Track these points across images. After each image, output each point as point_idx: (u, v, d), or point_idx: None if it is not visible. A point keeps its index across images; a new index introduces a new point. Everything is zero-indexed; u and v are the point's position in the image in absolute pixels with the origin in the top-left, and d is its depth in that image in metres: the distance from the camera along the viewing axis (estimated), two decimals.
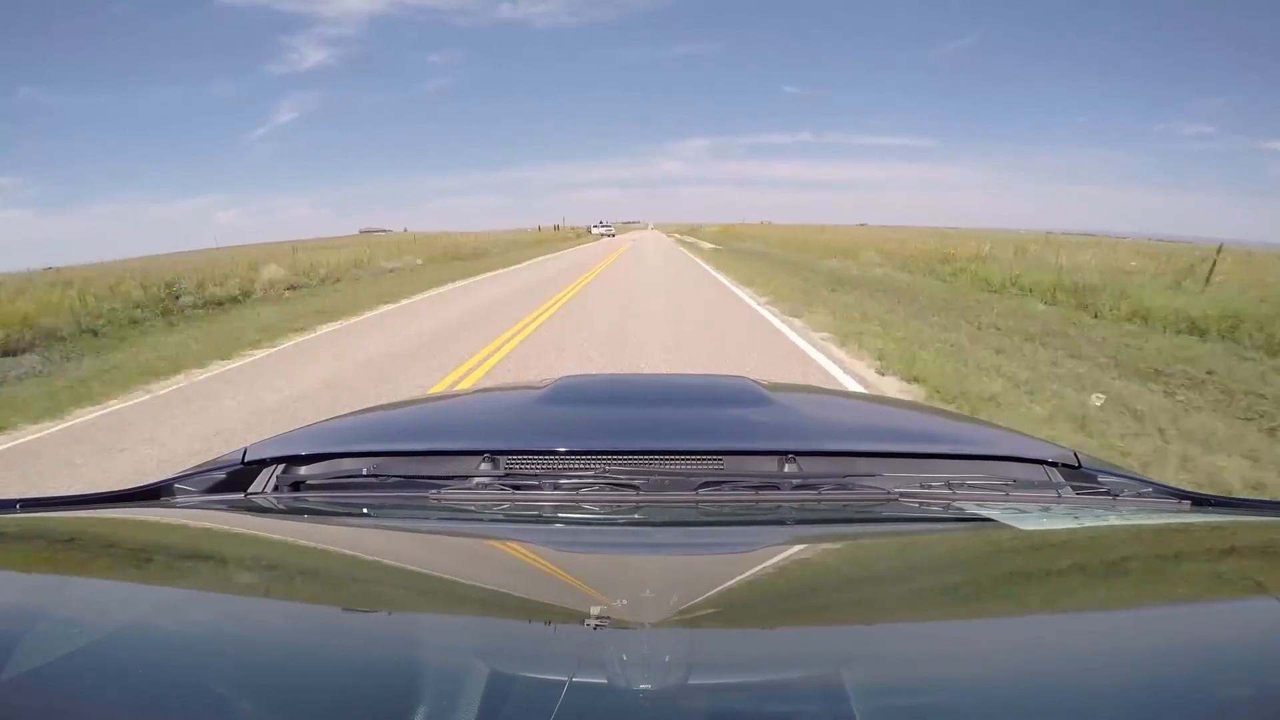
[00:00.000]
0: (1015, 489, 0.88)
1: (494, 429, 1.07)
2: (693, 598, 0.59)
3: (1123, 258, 12.60)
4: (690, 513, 0.84)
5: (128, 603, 0.61)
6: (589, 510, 0.84)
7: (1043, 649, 0.53)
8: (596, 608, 0.53)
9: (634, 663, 0.45)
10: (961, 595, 0.67)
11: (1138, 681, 0.47)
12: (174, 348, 7.67)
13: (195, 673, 0.48)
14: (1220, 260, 9.84)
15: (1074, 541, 0.76)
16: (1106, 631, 0.56)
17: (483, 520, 0.84)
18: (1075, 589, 0.68)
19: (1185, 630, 0.57)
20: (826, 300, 10.04)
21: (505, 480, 0.88)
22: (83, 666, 0.48)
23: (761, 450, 0.95)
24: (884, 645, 0.54)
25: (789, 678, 0.48)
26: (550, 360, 6.15)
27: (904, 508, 0.84)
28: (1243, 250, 14.79)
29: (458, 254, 25.62)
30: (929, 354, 6.04)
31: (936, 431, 1.19)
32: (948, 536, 0.82)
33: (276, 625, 0.58)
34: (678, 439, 0.97)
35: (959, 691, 0.46)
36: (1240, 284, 8.97)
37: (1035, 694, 0.46)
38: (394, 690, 0.44)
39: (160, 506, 0.90)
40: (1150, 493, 0.92)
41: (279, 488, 0.93)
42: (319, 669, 0.50)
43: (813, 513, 0.86)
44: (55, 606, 0.59)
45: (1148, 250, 15.09)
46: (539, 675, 0.47)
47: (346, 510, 0.87)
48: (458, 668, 0.48)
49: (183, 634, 0.55)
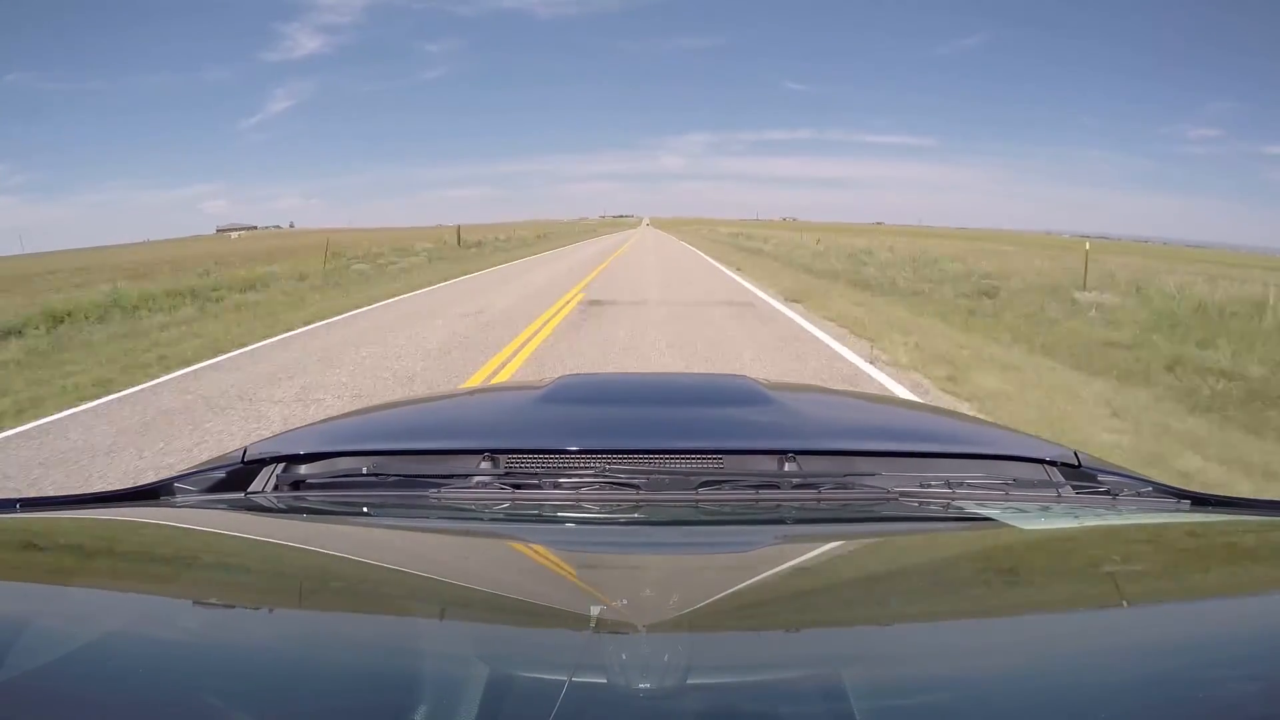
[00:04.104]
0: (1015, 488, 0.88)
1: (494, 428, 1.07)
2: (693, 597, 0.59)
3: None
4: (690, 512, 0.84)
5: (128, 602, 0.61)
6: (589, 509, 0.84)
7: (1043, 648, 0.53)
8: (596, 607, 0.53)
9: (634, 662, 0.45)
10: (961, 594, 0.67)
11: (1138, 680, 0.47)
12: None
13: (195, 673, 0.48)
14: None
15: (1074, 541, 0.76)
16: (1106, 630, 0.56)
17: (483, 519, 0.84)
18: (1075, 588, 0.68)
19: (1185, 629, 0.57)
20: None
21: (505, 479, 0.88)
22: (82, 666, 0.48)
23: (761, 449, 0.95)
24: (884, 645, 0.54)
25: (789, 677, 0.48)
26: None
27: (904, 507, 0.84)
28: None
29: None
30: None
31: (936, 431, 1.19)
32: (948, 536, 0.82)
33: (276, 624, 0.58)
34: (678, 438, 0.97)
35: (959, 691, 0.46)
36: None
37: (1036, 693, 0.46)
38: (394, 689, 0.44)
39: (160, 506, 0.90)
40: (1150, 492, 0.92)
41: (279, 487, 0.92)
42: (319, 668, 0.50)
43: (813, 512, 0.86)
44: (55, 606, 0.59)
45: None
46: (539, 675, 0.47)
47: (346, 509, 0.87)
48: (457, 666, 0.48)
49: (183, 634, 0.55)
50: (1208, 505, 0.90)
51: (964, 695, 0.46)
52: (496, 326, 7.98)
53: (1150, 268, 12.07)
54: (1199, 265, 13.93)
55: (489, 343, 6.92)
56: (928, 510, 0.84)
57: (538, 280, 14.46)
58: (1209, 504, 0.91)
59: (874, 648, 0.53)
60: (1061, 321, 8.03)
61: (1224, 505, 0.93)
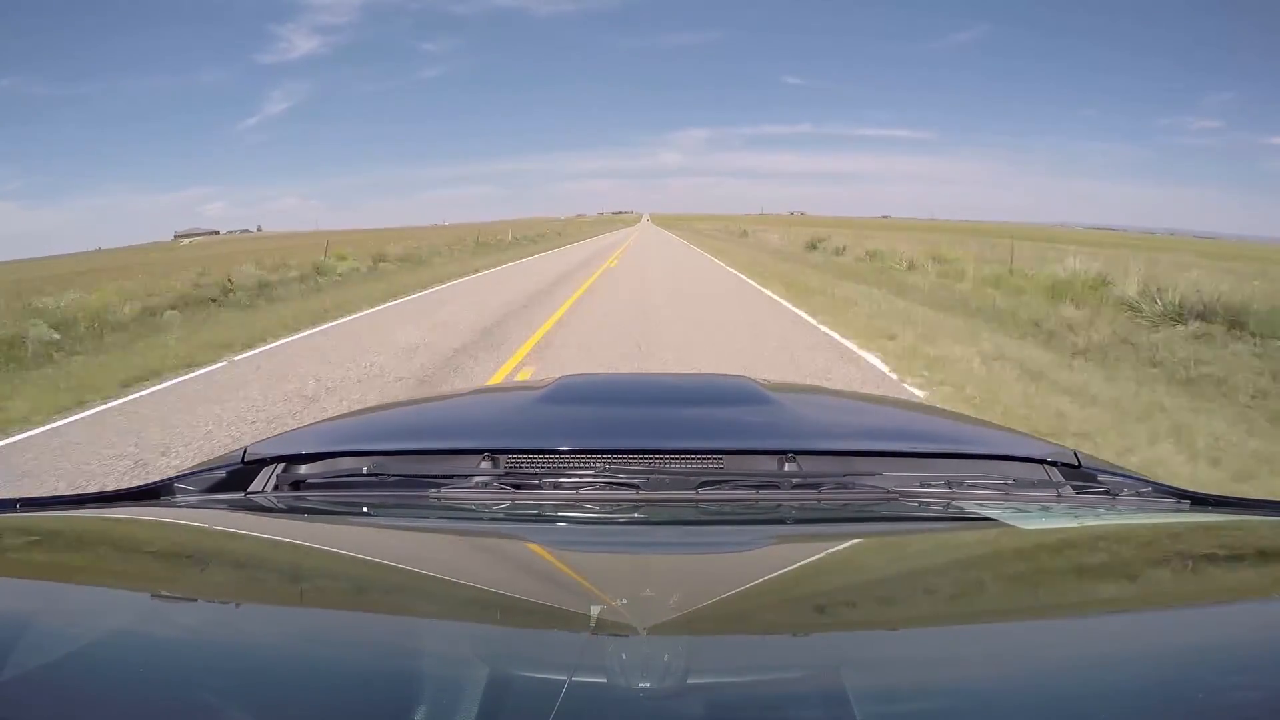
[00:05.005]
0: (1015, 488, 0.88)
1: (494, 428, 1.07)
2: (692, 597, 0.60)
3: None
4: (690, 512, 0.84)
5: (128, 602, 0.61)
6: (589, 509, 0.84)
7: (1043, 648, 0.53)
8: (596, 607, 0.53)
9: (633, 663, 0.45)
10: (961, 594, 0.67)
11: (1137, 681, 0.47)
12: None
13: (195, 672, 0.48)
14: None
15: (1074, 541, 0.76)
16: (1106, 631, 0.56)
17: (483, 519, 0.84)
18: (1075, 588, 0.68)
19: (1185, 629, 0.57)
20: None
21: (505, 479, 0.88)
22: (83, 666, 0.48)
23: (761, 449, 0.95)
24: (883, 645, 0.54)
25: (788, 678, 0.48)
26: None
27: (904, 507, 0.84)
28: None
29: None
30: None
31: (936, 431, 1.19)
32: (948, 536, 0.82)
33: (277, 624, 0.58)
34: (678, 438, 0.97)
35: (959, 691, 0.46)
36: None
37: (1036, 693, 0.46)
38: (394, 689, 0.44)
39: (160, 506, 0.90)
40: (1150, 492, 0.92)
41: (279, 487, 0.92)
42: (319, 667, 0.50)
43: (813, 512, 0.86)
44: (55, 606, 0.59)
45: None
46: (538, 675, 0.47)
47: (346, 509, 0.87)
48: (457, 666, 0.48)
49: (182, 634, 0.55)
50: (1208, 505, 0.90)
51: (964, 695, 0.46)
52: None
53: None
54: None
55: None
56: (928, 510, 0.84)
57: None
58: (1209, 504, 0.91)
59: (874, 648, 0.53)
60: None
61: (1224, 505, 0.93)
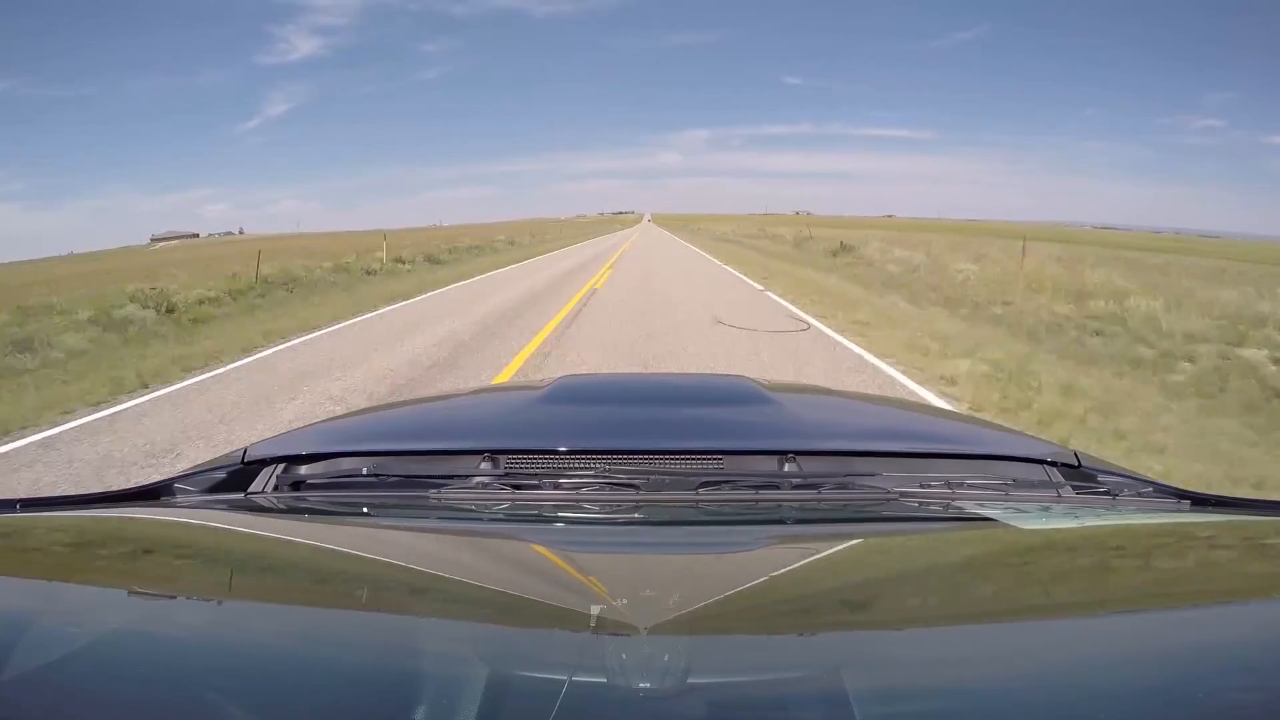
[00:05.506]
0: (1015, 488, 0.88)
1: (494, 429, 1.07)
2: (692, 597, 0.60)
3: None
4: (690, 512, 0.84)
5: (128, 603, 0.61)
6: (589, 510, 0.84)
7: (1043, 649, 0.53)
8: (596, 607, 0.53)
9: (633, 663, 0.45)
10: (961, 594, 0.67)
11: (1138, 681, 0.47)
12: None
13: (195, 673, 0.48)
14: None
15: (1074, 541, 0.76)
16: (1106, 631, 0.56)
17: (483, 520, 0.84)
18: (1075, 588, 0.68)
19: (1185, 630, 0.57)
20: None
21: (505, 480, 0.88)
22: (82, 666, 0.48)
23: (761, 450, 0.95)
24: (883, 645, 0.54)
25: (788, 678, 0.48)
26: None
27: (904, 507, 0.84)
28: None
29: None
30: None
31: (936, 431, 1.19)
32: (948, 536, 0.82)
33: (276, 625, 0.58)
34: (677, 438, 0.97)
35: (960, 692, 0.46)
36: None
37: (1036, 694, 0.46)
38: (393, 689, 0.44)
39: (160, 506, 0.90)
40: (1150, 492, 0.92)
41: (279, 487, 0.92)
42: (318, 668, 0.50)
43: (813, 512, 0.86)
44: (55, 606, 0.59)
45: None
46: (538, 675, 0.47)
47: (346, 510, 0.87)
48: (457, 667, 0.48)
49: (183, 634, 0.55)
50: (1208, 505, 0.90)
51: (965, 696, 0.46)
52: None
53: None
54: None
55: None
56: (928, 510, 0.84)
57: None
58: (1209, 504, 0.91)
59: (874, 648, 0.53)
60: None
61: (1224, 505, 0.93)
